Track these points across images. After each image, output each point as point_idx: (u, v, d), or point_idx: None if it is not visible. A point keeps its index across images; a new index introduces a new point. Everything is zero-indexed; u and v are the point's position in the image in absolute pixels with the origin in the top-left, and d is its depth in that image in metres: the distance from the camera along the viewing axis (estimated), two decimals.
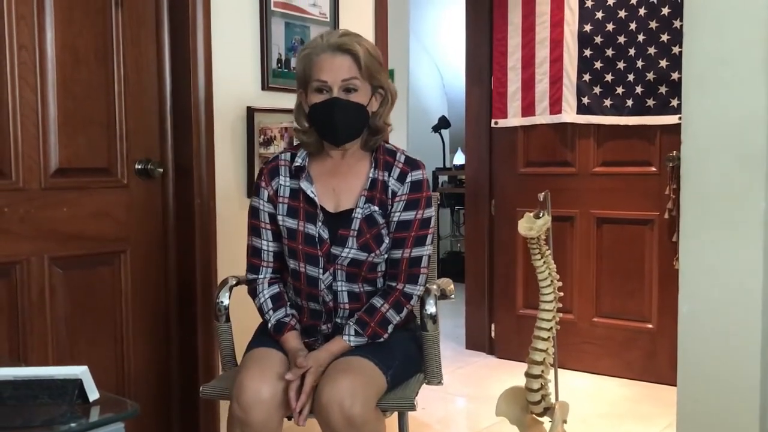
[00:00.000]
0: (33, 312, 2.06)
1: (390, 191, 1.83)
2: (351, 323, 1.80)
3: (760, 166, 1.67)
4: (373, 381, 1.72)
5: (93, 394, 1.13)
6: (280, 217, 1.87)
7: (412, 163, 1.86)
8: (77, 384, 1.11)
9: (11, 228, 2.01)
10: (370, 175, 1.84)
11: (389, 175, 1.84)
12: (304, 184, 1.85)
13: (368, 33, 2.93)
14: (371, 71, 1.82)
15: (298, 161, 1.88)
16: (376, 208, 1.83)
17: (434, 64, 6.87)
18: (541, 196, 2.02)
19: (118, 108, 2.23)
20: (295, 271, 1.87)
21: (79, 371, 1.11)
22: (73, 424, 1.06)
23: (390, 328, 1.82)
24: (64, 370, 1.12)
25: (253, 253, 1.92)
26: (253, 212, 1.92)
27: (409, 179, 1.83)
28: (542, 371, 1.88)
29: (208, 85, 2.35)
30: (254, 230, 1.92)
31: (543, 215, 1.88)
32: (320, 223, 1.83)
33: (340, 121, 1.79)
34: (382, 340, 1.81)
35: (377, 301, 1.83)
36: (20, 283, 2.04)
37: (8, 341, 2.02)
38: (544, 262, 1.88)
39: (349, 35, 1.83)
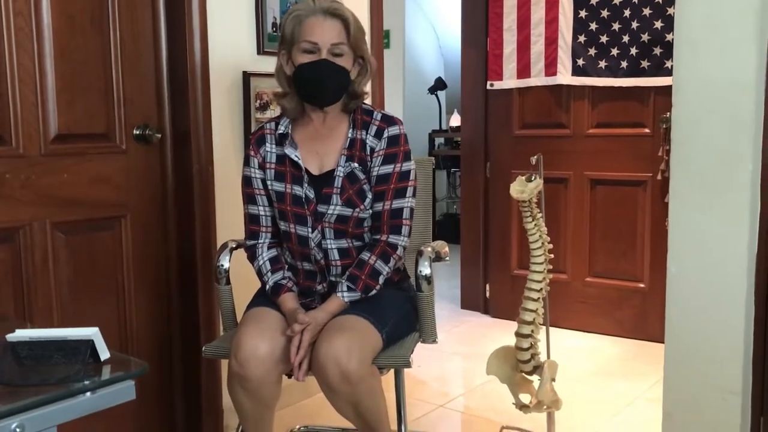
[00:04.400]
0: (37, 276, 2.10)
1: (368, 148, 1.90)
2: (343, 280, 1.86)
3: (748, 129, 1.70)
4: (369, 339, 1.78)
5: (104, 353, 1.18)
6: (269, 182, 1.94)
7: (389, 120, 1.92)
8: (89, 344, 1.16)
9: (13, 194, 2.04)
10: (349, 135, 1.91)
11: (367, 133, 1.90)
12: (288, 150, 1.91)
13: None
14: (357, 40, 1.88)
15: (281, 129, 1.94)
16: (357, 165, 1.89)
17: (430, 24, 6.82)
18: (533, 159, 2.05)
19: (115, 74, 2.24)
20: (287, 233, 1.93)
21: (91, 332, 1.16)
22: (86, 382, 1.11)
23: (381, 280, 1.88)
24: (76, 331, 1.17)
25: (251, 220, 1.98)
26: (246, 181, 1.97)
27: (386, 134, 1.90)
28: (532, 331, 1.93)
29: (203, 51, 2.35)
30: (249, 198, 1.97)
31: (535, 178, 1.91)
32: (306, 185, 1.89)
33: (327, 83, 1.84)
34: (374, 292, 1.86)
35: (365, 255, 1.89)
36: (23, 247, 2.07)
37: (14, 304, 2.06)
38: (536, 225, 1.91)
39: (339, 3, 1.89)
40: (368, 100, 2.02)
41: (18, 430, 1.03)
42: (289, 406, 2.66)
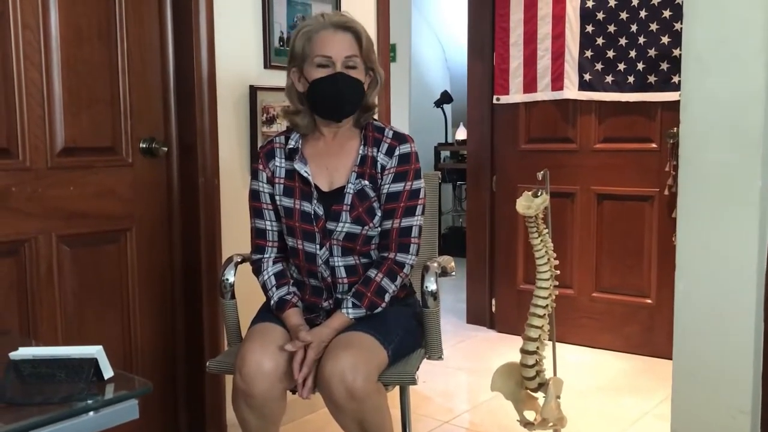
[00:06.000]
0: (41, 288, 2.10)
1: (379, 166, 1.89)
2: (348, 297, 1.85)
3: (757, 145, 1.69)
4: (375, 356, 1.77)
5: (107, 372, 1.17)
6: (277, 197, 1.93)
7: (400, 138, 1.92)
8: (93, 363, 1.15)
9: (19, 207, 2.04)
10: (360, 152, 1.90)
11: (378, 151, 1.89)
12: (298, 165, 1.90)
13: (370, 6, 2.92)
14: (368, 52, 1.89)
15: (292, 143, 1.93)
16: (367, 183, 1.88)
17: (437, 38, 6.84)
18: (539, 174, 2.04)
19: (122, 87, 2.25)
20: (294, 249, 1.92)
21: (95, 351, 1.15)
22: (90, 401, 1.10)
23: (387, 297, 1.86)
24: (80, 349, 1.16)
25: (258, 234, 1.97)
26: (254, 195, 1.96)
27: (397, 153, 1.89)
28: (537, 347, 1.91)
29: (210, 64, 2.36)
30: (257, 212, 1.96)
31: (541, 194, 1.90)
32: (315, 201, 1.88)
33: (345, 95, 1.84)
34: (380, 309, 1.85)
35: (371, 272, 1.88)
36: (29, 260, 2.07)
37: (18, 317, 2.05)
38: (542, 241, 1.90)
39: (349, 15, 1.91)
40: (375, 114, 2.02)
41: None
42: (293, 422, 2.64)
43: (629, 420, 2.76)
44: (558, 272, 1.93)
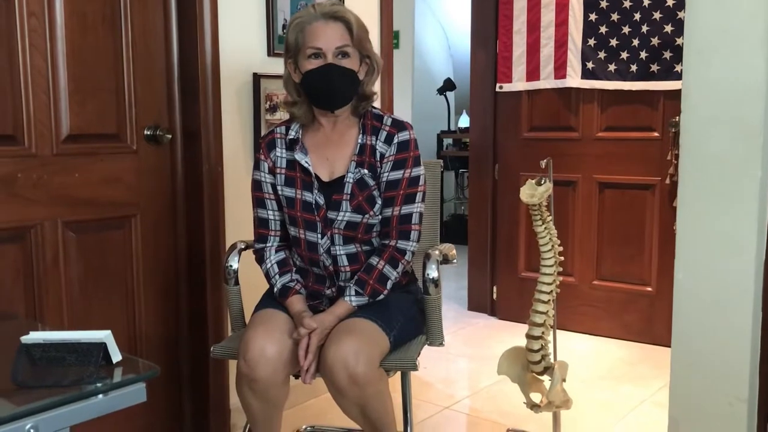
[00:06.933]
0: (47, 274, 2.12)
1: (378, 154, 1.90)
2: (351, 284, 1.87)
3: (757, 135, 1.69)
4: (377, 342, 1.79)
5: (116, 356, 1.20)
6: (279, 187, 1.94)
7: (399, 125, 1.92)
8: (102, 347, 1.18)
9: (25, 193, 2.05)
10: (359, 140, 1.91)
11: (377, 139, 1.90)
12: (298, 156, 1.91)
13: None
14: (361, 40, 1.88)
15: (292, 134, 1.94)
16: (366, 171, 1.89)
17: (440, 25, 6.82)
18: (543, 162, 2.06)
19: (126, 75, 2.26)
20: (296, 238, 1.94)
21: (104, 335, 1.18)
22: (99, 384, 1.13)
23: (389, 285, 1.88)
24: (89, 334, 1.19)
25: (260, 224, 1.99)
26: (256, 185, 1.98)
27: (396, 140, 1.90)
28: (543, 333, 1.94)
29: (214, 52, 2.37)
30: (259, 202, 1.98)
31: (545, 182, 1.92)
32: (316, 191, 1.90)
33: (337, 86, 1.85)
34: (382, 297, 1.87)
35: (373, 260, 1.89)
36: (35, 246, 2.09)
37: (24, 302, 2.08)
38: (545, 228, 1.92)
39: (339, 5, 1.90)
40: (377, 101, 2.02)
41: (32, 431, 1.05)
42: (295, 406, 2.68)
43: (628, 407, 2.79)
44: (562, 258, 1.94)
